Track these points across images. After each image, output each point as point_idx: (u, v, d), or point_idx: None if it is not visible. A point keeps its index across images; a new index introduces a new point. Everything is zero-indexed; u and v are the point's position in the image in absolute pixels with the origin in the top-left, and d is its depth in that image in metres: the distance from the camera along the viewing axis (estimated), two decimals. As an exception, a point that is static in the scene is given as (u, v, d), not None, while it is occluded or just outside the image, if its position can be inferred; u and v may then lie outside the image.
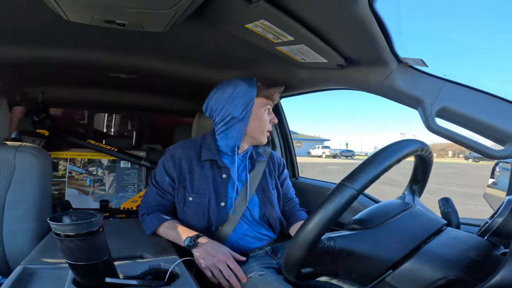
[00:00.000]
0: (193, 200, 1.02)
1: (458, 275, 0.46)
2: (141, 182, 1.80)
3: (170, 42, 1.05)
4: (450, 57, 39.72)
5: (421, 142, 0.59)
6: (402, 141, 0.56)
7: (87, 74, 1.45)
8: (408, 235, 0.52)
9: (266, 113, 1.07)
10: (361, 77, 0.89)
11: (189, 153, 1.06)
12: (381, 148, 0.54)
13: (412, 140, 0.58)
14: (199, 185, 1.02)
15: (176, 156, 1.05)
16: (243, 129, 1.04)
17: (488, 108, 0.69)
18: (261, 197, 1.08)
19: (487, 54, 41.05)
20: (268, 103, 1.07)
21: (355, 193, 0.47)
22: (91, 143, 1.76)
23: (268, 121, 1.08)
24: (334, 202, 0.47)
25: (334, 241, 0.53)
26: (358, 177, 0.48)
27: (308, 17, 0.68)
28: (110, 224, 1.21)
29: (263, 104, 1.05)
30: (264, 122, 1.06)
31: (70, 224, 0.56)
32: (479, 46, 36.89)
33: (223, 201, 1.02)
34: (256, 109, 1.04)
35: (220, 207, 1.02)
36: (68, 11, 0.73)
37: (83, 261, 0.58)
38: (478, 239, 0.53)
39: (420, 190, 0.74)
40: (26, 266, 0.72)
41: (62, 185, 1.71)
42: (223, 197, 1.03)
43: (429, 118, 0.75)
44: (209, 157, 1.04)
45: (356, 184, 0.48)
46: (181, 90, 1.69)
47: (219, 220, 1.01)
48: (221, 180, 1.04)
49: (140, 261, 0.82)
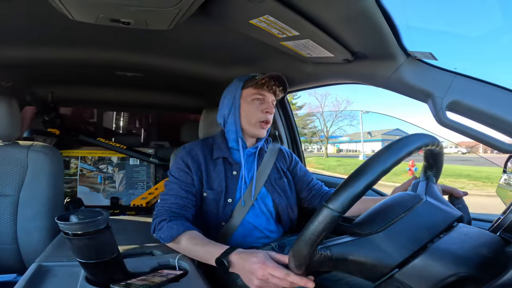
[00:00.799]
0: (207, 196, 1.02)
1: (469, 272, 0.45)
2: (150, 179, 1.82)
3: (175, 40, 1.05)
4: (460, 51, 37.88)
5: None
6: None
7: (94, 73, 1.46)
8: (411, 238, 0.51)
9: (256, 103, 1.05)
10: (368, 71, 0.88)
11: (204, 151, 1.07)
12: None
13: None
14: (213, 181, 1.03)
15: (193, 152, 1.06)
16: (237, 122, 1.06)
17: (499, 102, 0.67)
18: (270, 188, 1.07)
19: (498, 47, 39.14)
20: (257, 93, 1.05)
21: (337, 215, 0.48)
22: (101, 141, 1.79)
23: (260, 111, 1.05)
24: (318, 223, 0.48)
25: (330, 250, 0.52)
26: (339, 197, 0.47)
27: (313, 11, 0.67)
28: (120, 221, 1.23)
29: (251, 94, 1.05)
30: (251, 112, 1.05)
31: (76, 223, 0.57)
32: (490, 40, 35.37)
33: (231, 198, 1.02)
34: (243, 101, 1.06)
35: (227, 203, 1.02)
36: (72, 10, 0.73)
37: (93, 259, 0.59)
38: (490, 235, 0.51)
39: (436, 175, 0.71)
40: (41, 264, 0.75)
41: (74, 183, 1.74)
42: (231, 193, 1.03)
43: (439, 112, 0.73)
44: (220, 154, 1.06)
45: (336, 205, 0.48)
46: (187, 87, 1.70)
47: (224, 216, 1.02)
48: (232, 176, 1.05)
49: (149, 258, 0.83)
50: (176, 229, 0.86)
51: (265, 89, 1.05)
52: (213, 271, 0.95)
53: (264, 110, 1.04)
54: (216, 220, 1.02)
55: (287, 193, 1.11)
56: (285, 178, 1.12)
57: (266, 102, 1.06)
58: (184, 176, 1.01)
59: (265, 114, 1.05)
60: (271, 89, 1.06)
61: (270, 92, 1.06)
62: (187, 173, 1.01)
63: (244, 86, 1.06)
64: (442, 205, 0.59)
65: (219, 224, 1.02)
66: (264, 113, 1.05)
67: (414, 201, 0.58)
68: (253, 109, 1.05)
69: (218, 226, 1.02)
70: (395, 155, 0.48)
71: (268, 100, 1.06)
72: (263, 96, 1.05)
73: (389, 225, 0.53)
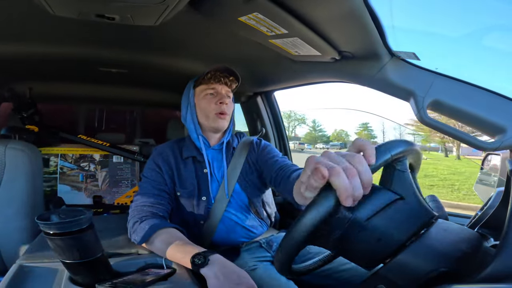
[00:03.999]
0: (181, 195, 1.04)
1: (449, 267, 0.46)
2: (134, 176, 1.79)
3: (161, 36, 1.03)
4: (442, 51, 39.61)
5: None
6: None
7: (76, 68, 1.42)
8: (409, 220, 0.51)
9: (209, 98, 1.07)
10: (354, 70, 0.89)
11: (174, 151, 1.09)
12: None
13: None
14: (185, 180, 1.05)
15: (164, 153, 1.08)
16: (194, 120, 1.09)
17: (478, 101, 0.70)
18: (243, 184, 1.08)
19: (477, 50, 41.03)
20: (207, 88, 1.07)
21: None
22: (82, 138, 1.73)
23: (213, 103, 1.05)
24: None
25: (352, 212, 0.49)
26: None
27: (302, 10, 0.68)
28: (104, 220, 1.20)
29: (202, 90, 1.08)
30: (205, 107, 1.06)
31: (58, 223, 0.55)
32: (469, 41, 36.85)
33: (204, 196, 1.03)
34: (197, 98, 1.09)
35: (201, 201, 1.03)
36: (53, 5, 0.71)
37: (76, 259, 0.58)
38: (469, 231, 0.52)
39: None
40: (22, 264, 0.72)
41: (53, 182, 1.68)
42: (204, 191, 1.04)
43: (421, 111, 0.76)
44: (189, 154, 1.08)
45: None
46: (174, 84, 1.67)
47: (202, 215, 1.02)
48: (203, 174, 1.06)
49: (135, 257, 0.82)
50: (149, 230, 0.84)
51: (213, 82, 1.07)
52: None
53: (218, 102, 1.05)
54: (194, 218, 1.03)
55: (262, 187, 1.11)
56: (256, 172, 1.10)
57: (219, 93, 1.07)
58: (155, 175, 1.03)
59: (219, 105, 1.05)
60: (219, 80, 1.07)
61: (220, 83, 1.08)
62: (158, 173, 1.03)
63: (195, 85, 1.10)
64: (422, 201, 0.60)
65: (198, 222, 1.03)
66: (218, 104, 1.05)
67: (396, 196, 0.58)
68: (206, 103, 1.06)
69: (198, 224, 1.03)
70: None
71: (221, 92, 1.07)
72: (214, 89, 1.07)
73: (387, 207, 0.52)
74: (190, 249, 0.75)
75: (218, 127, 1.08)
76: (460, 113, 0.72)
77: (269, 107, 1.71)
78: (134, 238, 0.87)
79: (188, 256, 0.73)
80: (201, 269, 0.69)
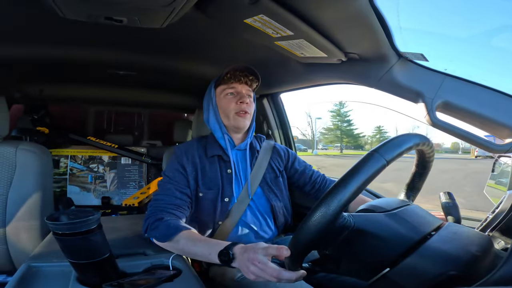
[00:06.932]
0: (203, 196, 1.02)
1: (459, 270, 0.45)
2: (142, 178, 1.80)
3: (168, 38, 1.04)
4: (451, 52, 38.83)
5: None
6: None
7: (85, 71, 1.44)
8: (418, 223, 0.53)
9: (229, 97, 1.06)
10: (361, 72, 0.89)
11: (199, 150, 1.08)
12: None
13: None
14: (209, 181, 1.03)
15: (189, 152, 1.07)
16: (218, 119, 1.08)
17: (489, 103, 0.68)
18: (266, 188, 1.07)
19: (487, 50, 40.13)
20: (227, 87, 1.06)
21: (385, 164, 0.47)
22: (92, 140, 1.76)
23: (234, 103, 1.05)
24: (365, 169, 0.47)
25: (353, 218, 0.52)
26: (389, 148, 0.48)
27: (308, 12, 0.67)
28: (112, 221, 1.21)
29: (222, 90, 1.07)
30: (226, 106, 1.06)
31: (67, 223, 0.56)
32: (481, 41, 36.13)
33: (227, 197, 1.02)
34: (218, 99, 1.08)
35: (223, 202, 1.02)
36: (63, 8, 0.72)
37: (83, 260, 0.59)
38: (479, 234, 0.52)
39: (414, 196, 0.72)
40: (31, 264, 0.73)
41: (63, 183, 1.71)
42: (227, 192, 1.03)
43: (430, 112, 0.75)
44: (214, 152, 1.06)
45: (387, 155, 0.48)
46: (180, 86, 1.68)
47: (221, 215, 1.02)
48: (227, 175, 1.05)
49: (142, 258, 0.82)
50: (174, 228, 0.85)
51: (233, 81, 1.05)
52: (207, 271, 0.95)
53: (238, 101, 1.04)
54: (212, 219, 1.02)
55: (283, 193, 1.11)
56: (281, 178, 1.12)
57: (239, 93, 1.06)
58: (179, 177, 1.00)
59: (240, 104, 1.04)
60: (239, 80, 1.06)
61: (240, 83, 1.06)
62: (182, 174, 1.01)
63: (216, 86, 1.09)
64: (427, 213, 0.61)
65: (216, 223, 1.02)
66: (238, 103, 1.04)
67: (407, 202, 0.60)
68: (227, 102, 1.05)
69: (215, 225, 1.02)
70: None
71: (241, 91, 1.06)
72: (234, 88, 1.06)
73: (396, 210, 0.55)
74: (215, 246, 0.77)
75: (239, 126, 1.07)
76: (471, 114, 0.71)
77: (275, 108, 1.71)
78: (155, 235, 0.87)
79: (214, 254, 0.76)
80: (232, 264, 0.72)
